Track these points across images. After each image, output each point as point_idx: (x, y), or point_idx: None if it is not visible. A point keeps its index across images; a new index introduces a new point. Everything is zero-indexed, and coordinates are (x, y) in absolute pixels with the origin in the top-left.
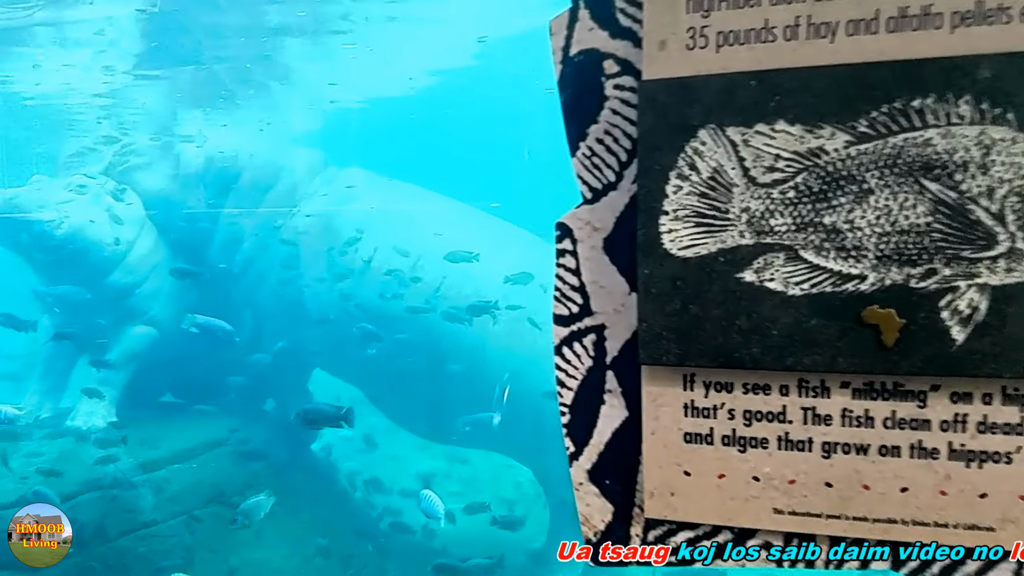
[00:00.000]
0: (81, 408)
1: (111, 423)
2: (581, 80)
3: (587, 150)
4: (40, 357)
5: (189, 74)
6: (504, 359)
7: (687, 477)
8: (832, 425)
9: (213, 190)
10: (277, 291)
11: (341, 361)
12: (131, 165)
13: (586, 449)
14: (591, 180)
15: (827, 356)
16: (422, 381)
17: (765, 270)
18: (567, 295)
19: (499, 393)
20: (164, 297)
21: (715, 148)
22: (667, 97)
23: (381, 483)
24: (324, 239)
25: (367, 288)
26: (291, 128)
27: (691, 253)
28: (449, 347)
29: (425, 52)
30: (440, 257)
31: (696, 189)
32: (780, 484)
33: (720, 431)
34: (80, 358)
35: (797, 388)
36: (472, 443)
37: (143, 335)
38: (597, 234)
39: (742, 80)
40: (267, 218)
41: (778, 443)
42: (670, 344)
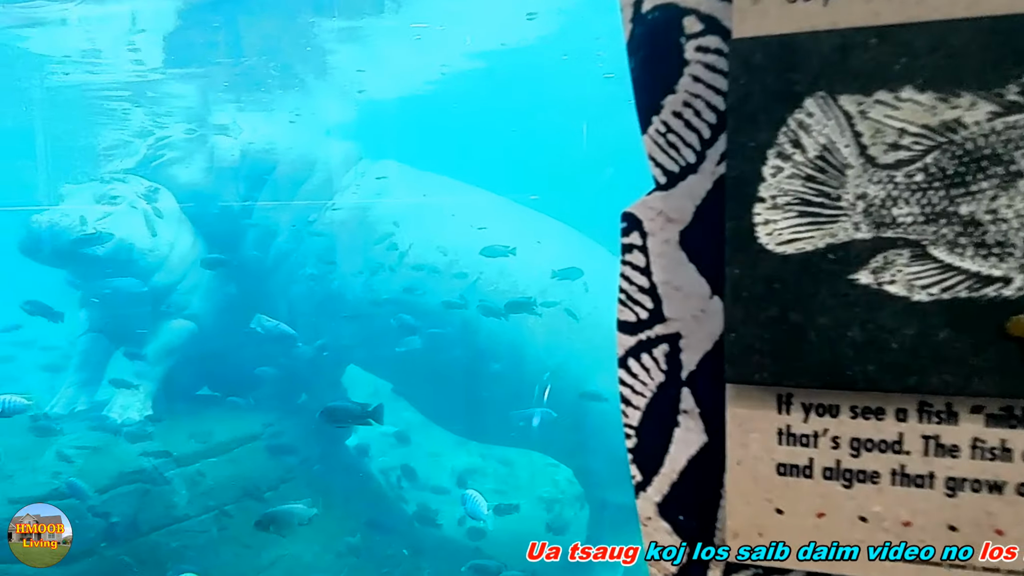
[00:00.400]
0: (116, 401)
1: (147, 416)
2: (656, 42)
3: (662, 125)
4: (76, 349)
5: (224, 65)
6: (544, 356)
7: (779, 515)
8: (959, 458)
9: (248, 183)
10: (311, 285)
11: (376, 356)
12: (166, 159)
13: (656, 479)
14: (666, 162)
15: (959, 375)
16: (459, 378)
17: (885, 270)
18: (634, 298)
19: (539, 392)
20: (202, 292)
21: (824, 121)
22: (764, 60)
23: (416, 480)
24: (359, 232)
25: (402, 282)
26: (325, 120)
27: (792, 249)
28: (486, 343)
29: (462, 37)
30: (476, 252)
31: (800, 171)
32: (892, 526)
33: (821, 462)
34: (117, 351)
35: (917, 413)
36: (510, 441)
37: (181, 329)
38: (672, 226)
39: (859, 37)
40: (301, 211)
41: (892, 477)
42: (764, 359)
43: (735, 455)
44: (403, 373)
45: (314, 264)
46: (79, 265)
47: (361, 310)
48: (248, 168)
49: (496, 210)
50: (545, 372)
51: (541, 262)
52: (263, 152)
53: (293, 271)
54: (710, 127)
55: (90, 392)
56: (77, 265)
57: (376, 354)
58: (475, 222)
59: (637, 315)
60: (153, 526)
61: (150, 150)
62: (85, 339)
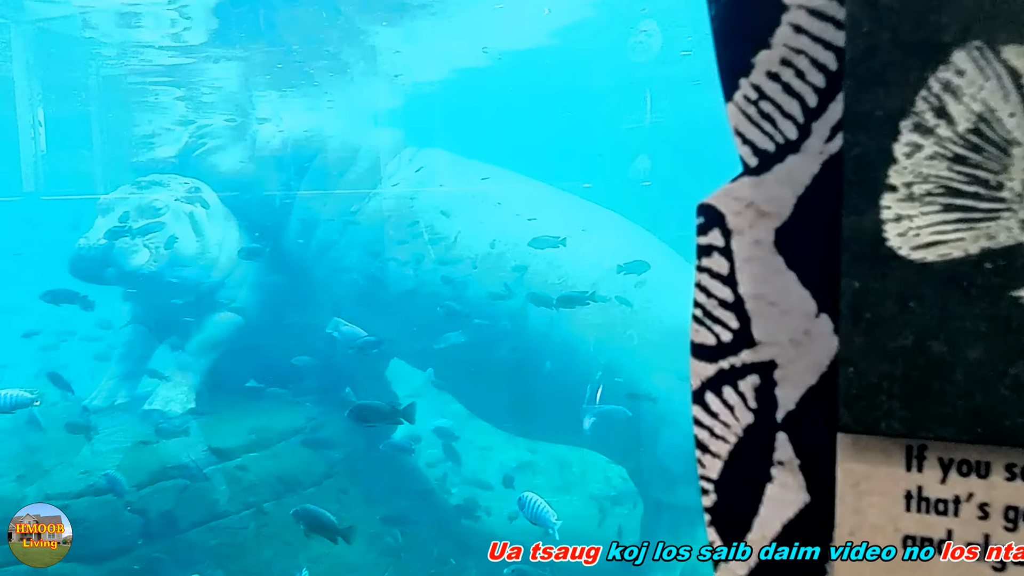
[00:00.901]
0: (158, 394)
1: (189, 410)
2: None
3: (752, 91)
4: (118, 341)
5: (265, 52)
6: (594, 353)
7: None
8: None
9: (290, 172)
10: (355, 276)
11: (420, 350)
12: (207, 148)
13: (741, 548)
14: (758, 138)
15: None
16: (506, 372)
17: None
18: (713, 314)
19: (591, 392)
20: (248, 284)
21: (981, 81)
22: (895, 1)
23: (462, 477)
24: (403, 222)
25: (447, 274)
26: (369, 107)
27: (935, 255)
28: (535, 337)
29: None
30: (525, 242)
31: (946, 150)
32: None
33: (964, 535)
34: (160, 344)
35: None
36: (560, 439)
37: (226, 322)
38: (765, 222)
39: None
40: (345, 200)
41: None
42: (891, 401)
43: (847, 523)
44: (447, 367)
45: (357, 254)
46: (130, 282)
47: (405, 302)
48: (290, 156)
49: (546, 199)
50: (597, 371)
51: (593, 253)
52: (305, 140)
53: (337, 262)
54: (817, 92)
55: (131, 385)
56: (128, 282)
57: (420, 347)
58: (524, 212)
59: (717, 337)
60: (192, 523)
61: (191, 138)
62: (127, 331)
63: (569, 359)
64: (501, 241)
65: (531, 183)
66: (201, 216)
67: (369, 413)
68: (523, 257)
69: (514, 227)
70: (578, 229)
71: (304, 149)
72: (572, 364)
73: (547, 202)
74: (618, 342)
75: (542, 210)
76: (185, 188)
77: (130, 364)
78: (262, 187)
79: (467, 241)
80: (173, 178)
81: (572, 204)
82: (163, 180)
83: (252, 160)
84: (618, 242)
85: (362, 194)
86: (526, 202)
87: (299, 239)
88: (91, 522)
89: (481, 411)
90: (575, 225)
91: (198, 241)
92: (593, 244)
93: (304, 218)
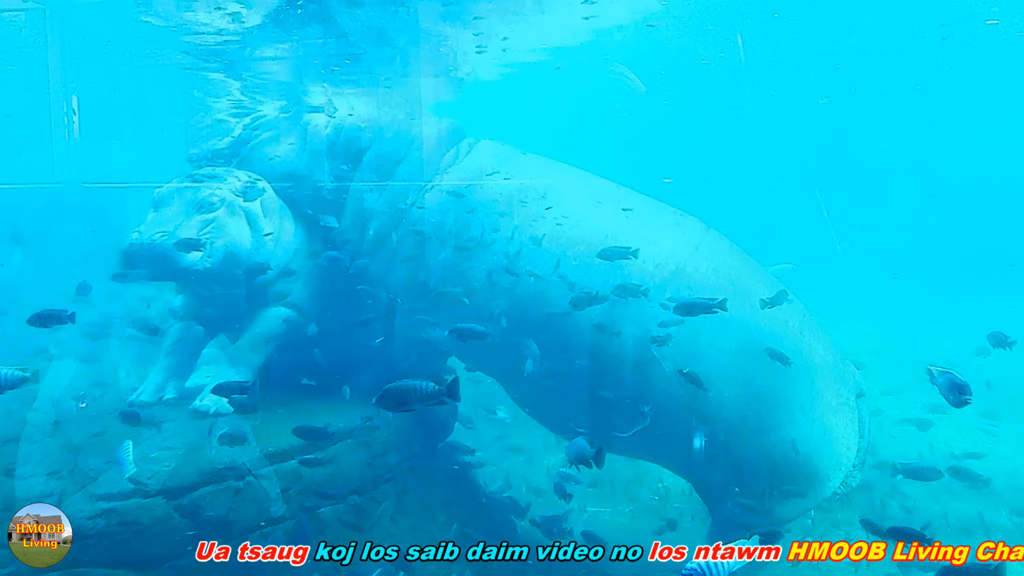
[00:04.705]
0: (208, 392)
1: (240, 408)
2: None
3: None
4: (169, 336)
5: (318, 40)
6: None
7: None
8: None
9: (342, 163)
10: (410, 270)
11: (476, 350)
12: (262, 139)
13: None
14: None
15: None
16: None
17: None
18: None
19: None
20: (304, 279)
21: None
22: None
23: (519, 480)
24: (459, 216)
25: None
26: (424, 97)
27: None
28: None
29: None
30: (590, 246)
31: None
32: None
33: None
34: (212, 339)
35: None
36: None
37: (280, 317)
38: None
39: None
40: (399, 193)
41: None
42: None
43: None
44: (506, 368)
45: (412, 247)
46: (185, 281)
47: (461, 298)
48: (342, 147)
49: (614, 199)
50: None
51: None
52: (358, 131)
53: (392, 256)
54: None
55: (179, 381)
56: (182, 281)
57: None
58: (588, 211)
59: None
60: (245, 528)
61: (246, 131)
62: (177, 325)
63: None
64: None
65: (601, 181)
66: (256, 210)
67: (406, 395)
68: (588, 259)
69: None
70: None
71: (356, 140)
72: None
73: (616, 202)
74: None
75: (609, 212)
76: (241, 182)
77: (180, 359)
78: (315, 179)
79: (526, 239)
80: (229, 171)
81: (642, 205)
82: (219, 173)
83: (304, 151)
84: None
85: (417, 186)
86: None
87: (353, 232)
88: (140, 526)
89: (541, 417)
90: (645, 230)
91: (253, 235)
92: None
93: (356, 210)
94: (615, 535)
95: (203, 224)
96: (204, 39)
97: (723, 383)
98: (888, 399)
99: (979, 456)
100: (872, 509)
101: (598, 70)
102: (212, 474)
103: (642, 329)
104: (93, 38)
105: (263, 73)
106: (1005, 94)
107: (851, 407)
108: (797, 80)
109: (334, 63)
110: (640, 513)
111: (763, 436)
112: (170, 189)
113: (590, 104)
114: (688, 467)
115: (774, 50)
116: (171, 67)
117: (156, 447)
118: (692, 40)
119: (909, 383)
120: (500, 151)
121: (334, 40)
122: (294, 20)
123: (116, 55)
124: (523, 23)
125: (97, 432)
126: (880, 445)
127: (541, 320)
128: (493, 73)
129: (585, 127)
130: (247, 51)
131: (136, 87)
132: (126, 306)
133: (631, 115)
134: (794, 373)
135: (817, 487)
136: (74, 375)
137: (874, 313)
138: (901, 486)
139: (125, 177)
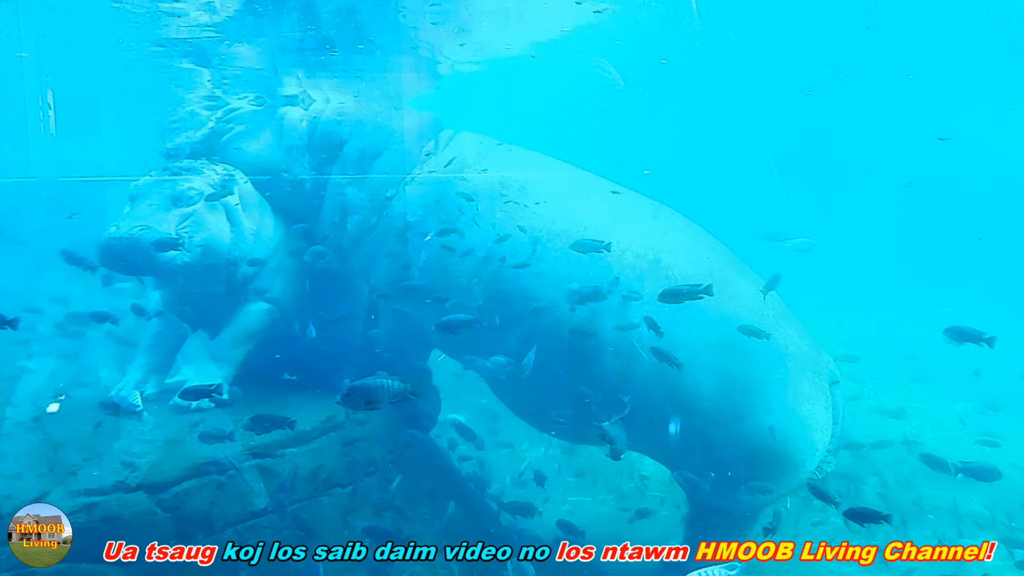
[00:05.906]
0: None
1: (222, 403)
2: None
3: None
4: (147, 331)
5: (293, 31)
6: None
7: None
8: None
9: (320, 156)
10: (390, 265)
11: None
12: (236, 132)
13: None
14: None
15: None
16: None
17: None
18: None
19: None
20: (284, 274)
21: None
22: None
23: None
24: (439, 210)
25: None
26: (401, 89)
27: None
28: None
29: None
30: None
31: None
32: None
33: None
34: (192, 335)
35: None
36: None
37: (260, 312)
38: None
39: None
40: (378, 186)
41: None
42: None
43: None
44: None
45: (393, 242)
46: (163, 276)
47: (443, 292)
48: (319, 140)
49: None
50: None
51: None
52: (336, 124)
53: (373, 250)
54: None
55: (160, 376)
56: (161, 276)
57: (459, 339)
58: (567, 204)
59: None
60: (228, 522)
61: (219, 123)
62: (156, 320)
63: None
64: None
65: (579, 172)
66: (235, 204)
67: (371, 394)
68: (564, 250)
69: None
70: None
71: (334, 133)
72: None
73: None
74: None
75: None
76: (219, 175)
77: (159, 356)
78: (292, 172)
79: (508, 231)
80: (206, 164)
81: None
82: (196, 166)
83: (280, 145)
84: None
85: (395, 179)
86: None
87: (332, 227)
88: (123, 521)
89: (521, 412)
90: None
91: (232, 230)
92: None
93: (338, 205)
94: (597, 524)
95: (182, 218)
96: (178, 28)
97: (700, 371)
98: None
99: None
100: (847, 496)
101: (578, 62)
102: (194, 468)
103: (623, 321)
104: (66, 28)
105: (237, 63)
106: (1000, 89)
107: (826, 394)
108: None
109: (310, 55)
110: (622, 501)
111: (739, 423)
112: (147, 182)
113: (569, 96)
114: (667, 454)
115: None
116: (144, 57)
117: (137, 441)
118: (667, 29)
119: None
120: (481, 143)
121: (312, 31)
122: (270, 9)
123: (90, 47)
124: (503, 14)
125: (77, 428)
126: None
127: (522, 313)
128: (473, 65)
129: (565, 119)
130: (221, 41)
131: (110, 79)
132: (106, 300)
133: (610, 107)
134: (770, 361)
135: (792, 472)
136: (52, 372)
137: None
138: (879, 472)
139: (102, 171)
